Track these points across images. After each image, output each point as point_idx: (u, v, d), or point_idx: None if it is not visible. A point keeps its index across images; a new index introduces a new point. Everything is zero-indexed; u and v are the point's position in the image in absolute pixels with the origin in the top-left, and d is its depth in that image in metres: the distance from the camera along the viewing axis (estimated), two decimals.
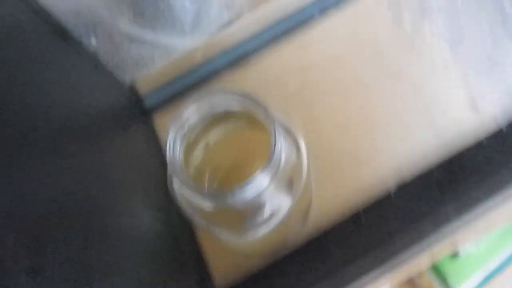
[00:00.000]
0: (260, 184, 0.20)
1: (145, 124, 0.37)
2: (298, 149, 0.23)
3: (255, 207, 0.22)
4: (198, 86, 0.38)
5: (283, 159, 0.20)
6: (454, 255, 0.37)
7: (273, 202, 0.22)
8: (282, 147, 0.20)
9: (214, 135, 0.26)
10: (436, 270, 0.37)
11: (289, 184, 0.22)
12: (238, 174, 0.27)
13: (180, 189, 0.23)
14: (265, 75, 0.38)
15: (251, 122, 0.25)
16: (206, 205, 0.21)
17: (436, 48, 0.36)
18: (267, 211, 0.22)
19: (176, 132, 0.21)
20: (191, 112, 0.22)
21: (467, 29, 0.36)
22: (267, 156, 0.20)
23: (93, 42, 0.36)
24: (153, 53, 0.36)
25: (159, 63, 0.37)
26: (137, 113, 0.37)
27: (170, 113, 0.38)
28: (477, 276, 0.36)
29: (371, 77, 0.36)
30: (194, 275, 0.32)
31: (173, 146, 0.20)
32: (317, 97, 0.36)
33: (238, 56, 0.39)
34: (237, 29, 0.39)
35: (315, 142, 0.24)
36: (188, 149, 0.24)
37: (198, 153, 0.26)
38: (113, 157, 0.28)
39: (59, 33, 0.28)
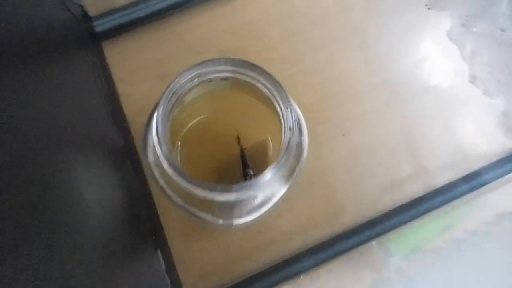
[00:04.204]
0: (262, 180, 0.17)
1: (93, 53, 0.31)
2: (300, 130, 0.19)
3: (248, 198, 0.19)
4: (156, 16, 0.32)
5: (292, 152, 0.17)
6: None
7: (266, 192, 0.19)
8: (294, 141, 0.17)
9: (192, 94, 0.22)
10: None
11: (289, 171, 0.19)
12: (213, 135, 0.24)
13: (157, 162, 0.20)
14: (240, 15, 0.33)
15: (236, 84, 0.21)
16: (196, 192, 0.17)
17: None
18: (258, 200, 0.19)
19: (164, 109, 0.17)
20: (179, 82, 0.17)
21: None
22: (275, 148, 0.17)
23: None
24: None
25: None
26: (86, 37, 0.31)
27: (124, 41, 0.32)
28: None
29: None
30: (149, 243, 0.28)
31: (162, 136, 0.16)
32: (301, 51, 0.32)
33: None
34: None
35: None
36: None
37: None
38: (56, 93, 0.22)
39: None
